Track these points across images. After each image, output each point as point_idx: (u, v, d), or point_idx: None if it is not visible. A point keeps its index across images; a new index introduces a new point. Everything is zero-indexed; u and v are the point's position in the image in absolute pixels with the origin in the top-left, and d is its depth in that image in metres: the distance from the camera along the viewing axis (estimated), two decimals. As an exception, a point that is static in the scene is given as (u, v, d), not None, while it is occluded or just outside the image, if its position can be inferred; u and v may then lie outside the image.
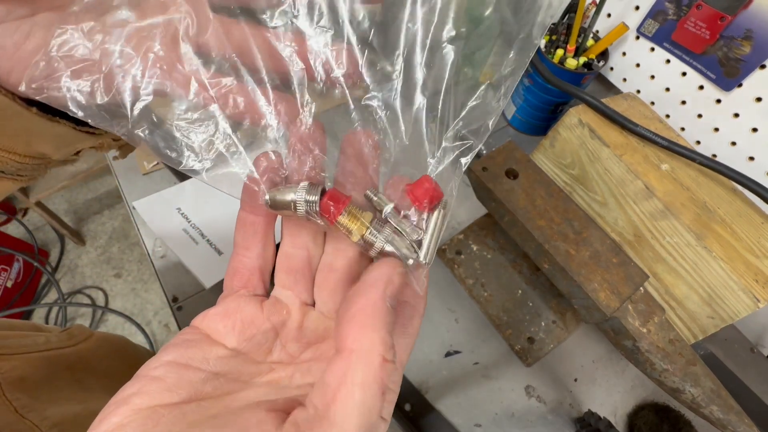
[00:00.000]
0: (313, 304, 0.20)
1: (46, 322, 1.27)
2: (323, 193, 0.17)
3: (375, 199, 0.17)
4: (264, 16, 0.17)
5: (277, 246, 0.20)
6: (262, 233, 0.19)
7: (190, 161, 0.17)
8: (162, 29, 0.16)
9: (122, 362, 0.47)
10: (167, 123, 0.16)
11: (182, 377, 0.15)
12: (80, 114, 0.15)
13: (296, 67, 0.17)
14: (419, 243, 0.17)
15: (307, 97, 0.17)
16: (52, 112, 0.17)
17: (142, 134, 0.16)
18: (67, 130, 0.18)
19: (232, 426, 0.13)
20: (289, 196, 0.16)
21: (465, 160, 0.18)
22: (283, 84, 0.18)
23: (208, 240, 0.49)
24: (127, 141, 0.17)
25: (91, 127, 0.18)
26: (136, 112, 0.16)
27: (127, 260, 1.41)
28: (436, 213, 0.17)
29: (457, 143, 0.18)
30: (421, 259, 0.16)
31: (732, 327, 0.53)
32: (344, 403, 0.13)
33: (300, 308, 0.20)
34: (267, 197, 0.17)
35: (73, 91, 0.15)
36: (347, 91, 0.18)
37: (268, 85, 0.17)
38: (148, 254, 0.50)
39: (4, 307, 1.21)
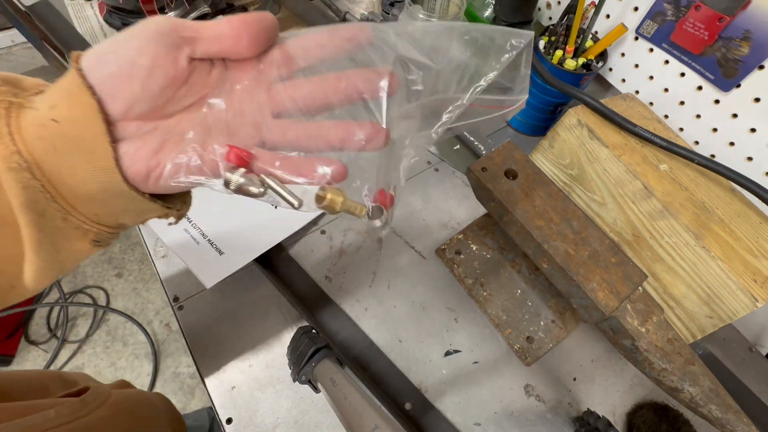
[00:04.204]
0: None
1: (48, 322, 1.27)
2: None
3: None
4: None
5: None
6: None
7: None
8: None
9: (138, 426, 0.46)
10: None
11: None
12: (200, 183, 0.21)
13: None
14: (381, 211, 0.23)
15: None
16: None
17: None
18: (155, 207, 0.22)
19: None
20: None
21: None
22: None
23: (209, 240, 0.49)
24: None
25: (166, 204, 0.23)
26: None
27: (128, 260, 1.41)
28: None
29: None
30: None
31: (730, 326, 0.53)
32: None
33: None
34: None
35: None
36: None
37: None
38: (149, 254, 0.51)
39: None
